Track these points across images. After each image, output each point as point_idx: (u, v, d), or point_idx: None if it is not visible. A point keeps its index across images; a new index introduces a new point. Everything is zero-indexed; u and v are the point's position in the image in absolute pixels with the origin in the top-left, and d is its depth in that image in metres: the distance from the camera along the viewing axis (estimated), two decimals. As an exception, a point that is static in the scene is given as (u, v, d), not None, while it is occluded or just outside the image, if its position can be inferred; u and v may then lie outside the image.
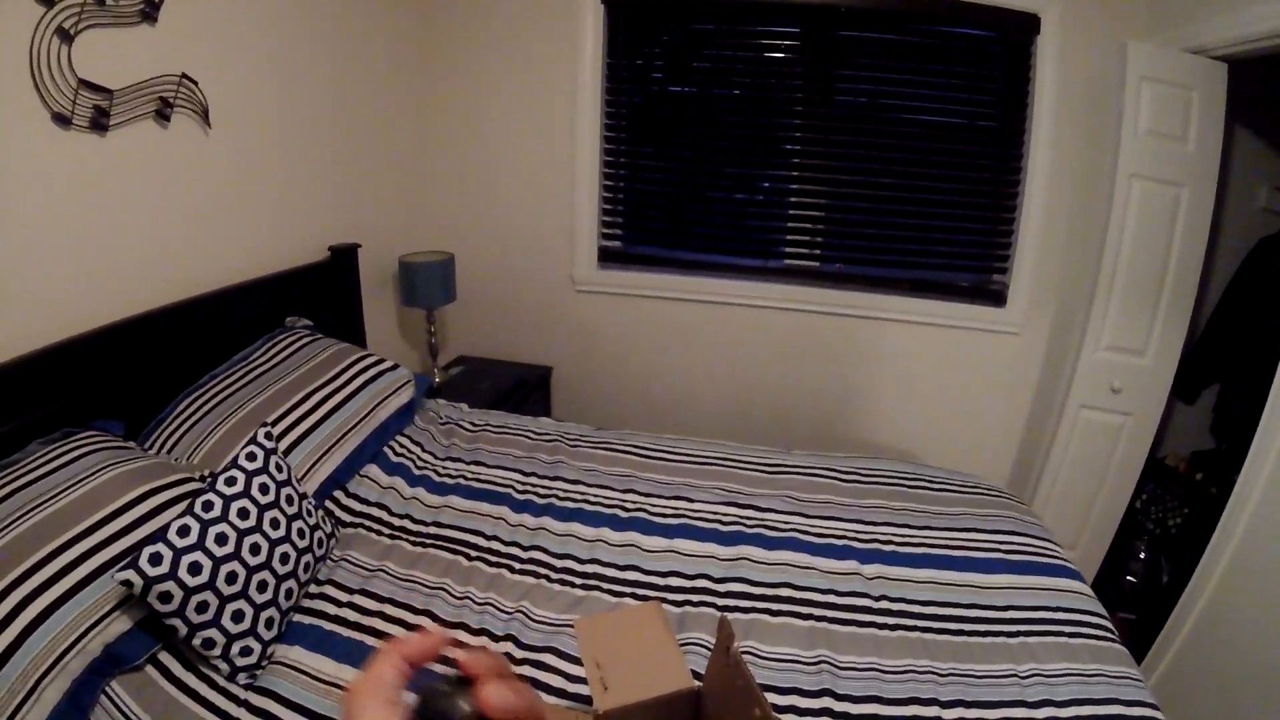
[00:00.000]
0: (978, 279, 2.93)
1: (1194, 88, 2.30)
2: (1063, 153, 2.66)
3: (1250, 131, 2.73)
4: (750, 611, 1.57)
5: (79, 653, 1.17)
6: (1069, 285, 2.73)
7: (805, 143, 2.91)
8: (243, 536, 1.34)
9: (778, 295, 3.02)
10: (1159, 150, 2.34)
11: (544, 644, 1.44)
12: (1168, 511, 2.87)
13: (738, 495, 2.02)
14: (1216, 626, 1.94)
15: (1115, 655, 1.49)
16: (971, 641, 1.51)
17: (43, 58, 1.50)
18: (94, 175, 1.67)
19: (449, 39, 3.02)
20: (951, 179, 2.83)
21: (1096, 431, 2.59)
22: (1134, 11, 2.51)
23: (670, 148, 3.06)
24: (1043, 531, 1.94)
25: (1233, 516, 1.91)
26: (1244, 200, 2.79)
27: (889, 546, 1.82)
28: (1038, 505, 2.69)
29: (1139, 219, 2.38)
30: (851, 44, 2.79)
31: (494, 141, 3.11)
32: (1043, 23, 2.56)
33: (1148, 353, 2.49)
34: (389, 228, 2.93)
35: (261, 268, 2.21)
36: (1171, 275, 2.43)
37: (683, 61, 3.00)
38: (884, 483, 2.13)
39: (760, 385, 3.16)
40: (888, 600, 1.62)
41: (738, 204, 3.09)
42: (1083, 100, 2.59)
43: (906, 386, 3.04)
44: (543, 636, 1.46)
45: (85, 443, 1.47)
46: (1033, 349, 2.88)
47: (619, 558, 1.75)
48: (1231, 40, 2.13)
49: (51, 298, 1.60)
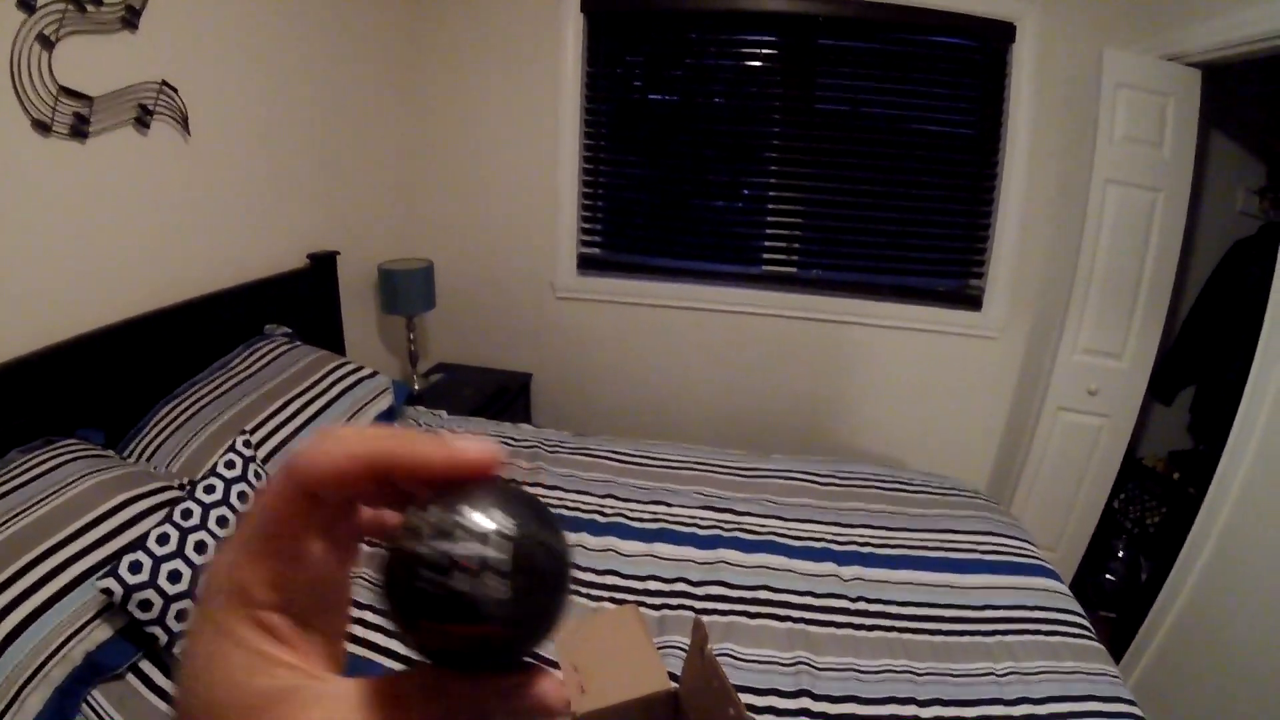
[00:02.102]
0: (955, 284, 2.97)
1: (1169, 94, 2.34)
2: (1039, 158, 2.69)
3: (1225, 135, 2.77)
4: (729, 614, 1.59)
5: (61, 661, 1.17)
6: (1046, 289, 2.76)
7: (784, 150, 2.93)
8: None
9: (757, 301, 3.04)
10: (1135, 156, 2.37)
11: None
12: (1146, 511, 2.91)
13: (715, 499, 2.04)
14: (1195, 623, 1.97)
15: (1092, 653, 1.51)
16: (949, 641, 1.53)
17: (23, 64, 1.50)
18: (74, 183, 1.67)
19: (431, 47, 3.03)
20: (929, 185, 2.86)
21: (1074, 433, 2.62)
22: (1110, 20, 2.55)
23: (650, 155, 3.08)
24: (1019, 532, 1.97)
25: (1209, 515, 1.94)
26: (1219, 203, 2.84)
27: (866, 548, 1.84)
28: (1017, 506, 2.72)
29: (1115, 224, 2.42)
30: (831, 52, 2.82)
31: (475, 149, 3.12)
32: (1019, 31, 2.60)
33: (1124, 355, 2.52)
34: (369, 235, 2.93)
35: (241, 275, 2.21)
36: (1147, 279, 2.46)
37: (663, 70, 3.02)
38: (861, 486, 2.16)
39: (740, 391, 3.18)
40: (865, 601, 1.64)
41: (717, 211, 3.11)
42: (1059, 107, 2.63)
43: (886, 391, 3.06)
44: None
45: (65, 451, 1.47)
46: (1011, 353, 2.91)
47: (597, 562, 1.76)
48: (1206, 47, 2.18)
49: (30, 305, 1.60)
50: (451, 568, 0.21)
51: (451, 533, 0.22)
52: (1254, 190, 2.78)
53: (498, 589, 0.21)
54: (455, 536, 0.21)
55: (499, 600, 0.21)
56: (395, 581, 0.22)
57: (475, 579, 0.21)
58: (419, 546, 0.22)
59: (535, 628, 0.23)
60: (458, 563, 0.21)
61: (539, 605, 0.22)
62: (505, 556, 0.21)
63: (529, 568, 0.22)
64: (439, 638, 0.22)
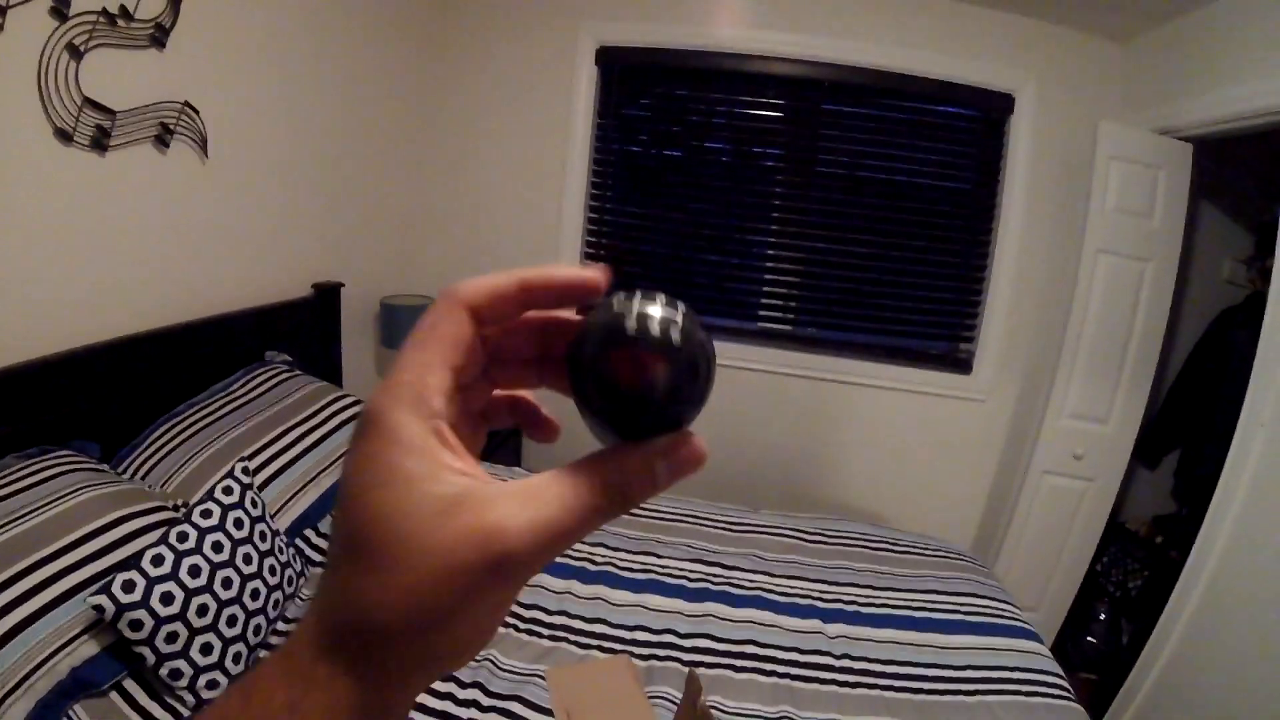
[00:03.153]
0: (946, 347, 3.02)
1: (1161, 167, 2.41)
2: (1032, 226, 2.76)
3: (1213, 205, 2.85)
4: (715, 667, 1.58)
5: (46, 673, 1.16)
6: (1034, 354, 2.81)
7: (785, 209, 2.99)
8: (216, 570, 1.34)
9: (752, 356, 3.06)
10: (1126, 226, 2.44)
11: (510, 692, 1.44)
12: (1128, 574, 2.93)
13: (704, 552, 2.05)
14: (1174, 686, 1.99)
15: (1072, 714, 1.53)
16: (931, 700, 1.54)
17: (51, 72, 1.52)
18: (90, 194, 1.68)
19: (446, 89, 3.08)
20: (924, 249, 2.92)
21: (1059, 496, 2.65)
22: (1105, 93, 2.64)
23: (654, 208, 3.13)
24: (1002, 594, 1.98)
25: (1190, 578, 1.97)
26: (1207, 272, 2.91)
27: (852, 606, 1.85)
28: (1001, 567, 2.74)
29: (1104, 292, 2.47)
30: (834, 116, 2.89)
31: (483, 191, 3.16)
32: (1017, 102, 2.68)
33: (1110, 421, 2.57)
34: (373, 269, 2.95)
35: (245, 300, 2.22)
36: (1134, 346, 2.52)
37: (670, 125, 3.09)
38: (848, 544, 2.17)
39: (731, 444, 3.18)
40: (850, 659, 1.65)
41: (717, 265, 3.16)
42: (1053, 176, 2.70)
43: (875, 449, 3.09)
44: (510, 685, 1.46)
45: (61, 462, 1.47)
46: (998, 416, 2.96)
47: (586, 610, 1.75)
48: (1199, 122, 2.25)
49: (36, 313, 1.60)
50: (645, 319, 0.26)
51: (634, 308, 0.27)
52: (1240, 260, 2.85)
53: (675, 338, 0.26)
54: (638, 308, 0.27)
55: (676, 345, 0.26)
56: (590, 337, 0.27)
57: (663, 327, 0.26)
58: (614, 309, 0.27)
59: (695, 390, 0.27)
60: (649, 316, 0.26)
61: (701, 370, 0.26)
62: (681, 321, 0.26)
63: (694, 336, 0.26)
64: (629, 367, 0.26)
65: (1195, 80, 2.28)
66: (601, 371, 0.26)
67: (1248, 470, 1.84)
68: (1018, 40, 2.67)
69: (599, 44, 2.91)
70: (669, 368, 0.26)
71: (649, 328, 0.26)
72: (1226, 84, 2.12)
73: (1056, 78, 2.66)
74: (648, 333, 0.26)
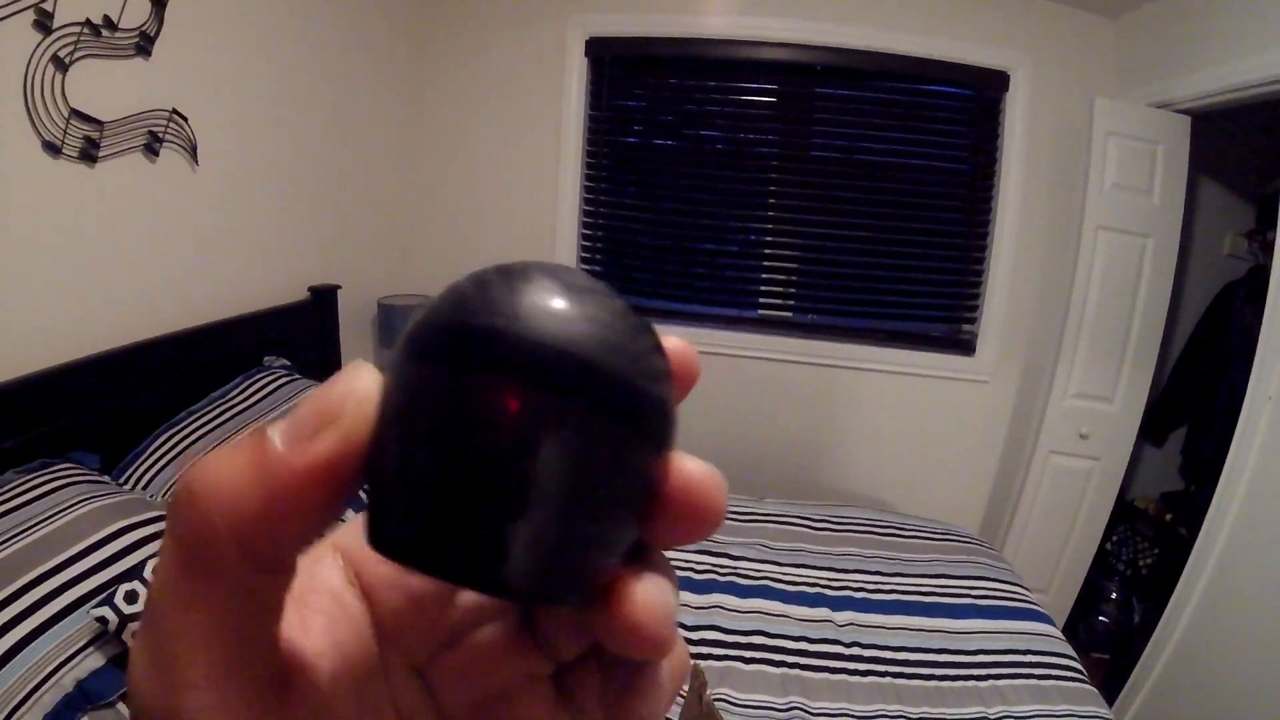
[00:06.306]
0: (948, 329, 3.00)
1: (1159, 141, 2.39)
2: (1031, 205, 2.74)
3: (1213, 180, 2.83)
4: (724, 659, 1.58)
5: (52, 687, 1.16)
6: (1037, 334, 2.80)
7: (781, 195, 2.97)
8: (218, 577, 1.33)
9: (752, 344, 3.05)
10: (1125, 203, 2.42)
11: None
12: (1139, 552, 2.92)
13: (709, 543, 2.03)
14: (1188, 664, 1.98)
15: (1085, 696, 1.52)
16: (942, 686, 1.53)
17: (36, 85, 1.51)
18: (80, 206, 1.67)
19: (437, 87, 3.07)
20: (923, 231, 2.90)
21: (1066, 476, 2.64)
22: (1101, 69, 2.61)
23: (649, 198, 3.11)
24: (1012, 576, 1.97)
25: (1201, 556, 1.96)
26: (1209, 247, 2.89)
27: (860, 593, 1.84)
28: (1009, 549, 2.73)
29: (1105, 269, 2.45)
30: (828, 100, 2.87)
31: (478, 186, 3.15)
32: (1012, 80, 2.66)
33: (1115, 399, 2.55)
34: (370, 270, 2.94)
35: (241, 305, 2.21)
36: (1137, 323, 2.50)
37: (663, 114, 3.07)
38: (855, 530, 2.16)
39: (734, 433, 3.17)
40: (859, 646, 1.64)
41: (714, 254, 3.14)
42: (1051, 154, 2.68)
43: (879, 434, 3.08)
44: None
45: (62, 474, 1.46)
46: (1002, 397, 2.94)
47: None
48: (1195, 95, 2.23)
49: (31, 326, 1.59)
50: (534, 316, 0.17)
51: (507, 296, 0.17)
52: (1242, 233, 2.83)
53: (595, 353, 0.17)
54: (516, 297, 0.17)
55: (600, 366, 0.17)
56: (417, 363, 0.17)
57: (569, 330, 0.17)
58: (468, 299, 0.17)
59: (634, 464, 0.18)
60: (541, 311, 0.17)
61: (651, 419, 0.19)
62: (605, 317, 0.18)
63: (629, 346, 0.18)
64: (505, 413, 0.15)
65: (1190, 53, 2.26)
66: (442, 432, 0.15)
67: (1256, 444, 1.82)
68: (1011, 18, 2.65)
69: (588, 35, 2.89)
70: (583, 417, 0.15)
71: (542, 334, 0.15)
72: (1221, 56, 2.11)
73: (1051, 55, 2.64)
74: (541, 344, 0.15)
